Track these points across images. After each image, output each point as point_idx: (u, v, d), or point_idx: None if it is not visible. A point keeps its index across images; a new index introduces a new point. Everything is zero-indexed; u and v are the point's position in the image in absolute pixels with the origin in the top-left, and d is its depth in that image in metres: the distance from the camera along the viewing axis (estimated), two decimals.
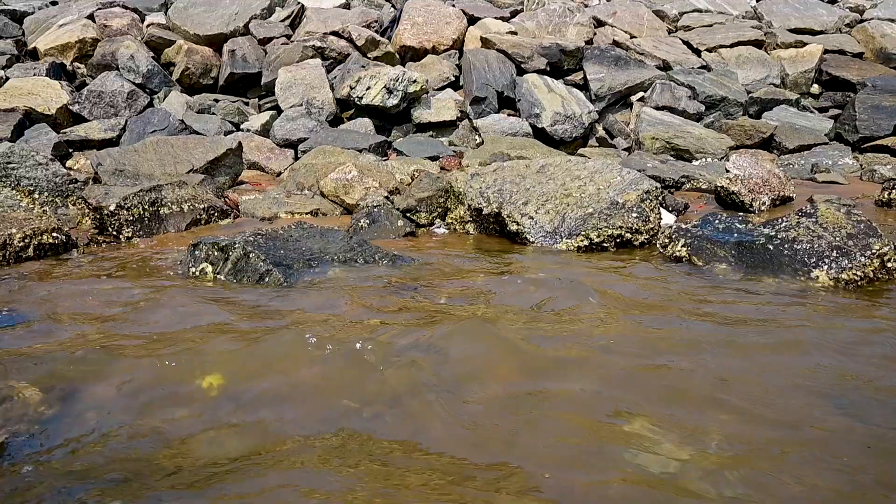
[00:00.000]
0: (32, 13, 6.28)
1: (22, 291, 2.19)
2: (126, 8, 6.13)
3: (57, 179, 3.37)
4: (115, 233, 2.94)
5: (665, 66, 5.52)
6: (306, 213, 3.28)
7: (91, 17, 5.93)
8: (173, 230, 3.06)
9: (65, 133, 4.57)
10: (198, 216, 3.16)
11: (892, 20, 6.51)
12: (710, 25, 6.31)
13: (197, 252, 2.38)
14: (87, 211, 3.12)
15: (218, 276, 2.31)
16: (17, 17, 6.21)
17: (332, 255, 2.41)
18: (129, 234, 2.94)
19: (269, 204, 3.35)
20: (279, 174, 4.22)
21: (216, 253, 2.35)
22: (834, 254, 2.26)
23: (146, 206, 3.01)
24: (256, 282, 2.23)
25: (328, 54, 5.36)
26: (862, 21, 6.54)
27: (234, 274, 2.30)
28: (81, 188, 3.40)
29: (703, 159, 4.39)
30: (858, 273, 2.21)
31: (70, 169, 4.07)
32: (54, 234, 2.68)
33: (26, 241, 2.60)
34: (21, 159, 3.32)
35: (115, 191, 3.08)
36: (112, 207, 2.93)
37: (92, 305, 2.01)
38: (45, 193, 3.32)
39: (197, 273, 2.34)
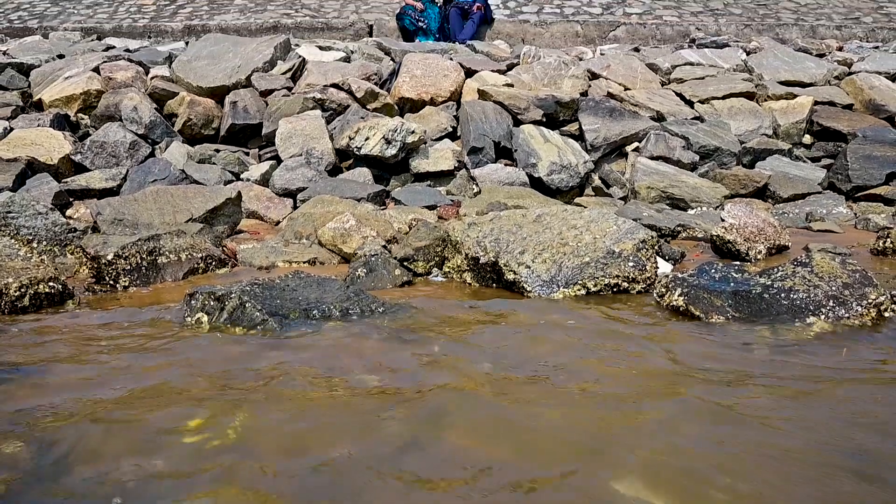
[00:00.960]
0: (39, 66, 6.41)
1: (14, 343, 2.17)
2: (131, 61, 6.27)
3: (56, 228, 3.40)
4: (111, 282, 2.94)
5: (659, 117, 5.62)
6: (304, 262, 3.29)
7: (97, 69, 6.06)
8: (170, 279, 3.06)
9: (66, 182, 4.61)
10: (195, 265, 3.16)
11: (878, 73, 6.67)
12: (702, 78, 6.45)
13: (193, 302, 2.38)
14: (84, 260, 3.13)
15: (213, 326, 2.30)
16: (24, 69, 6.34)
17: (329, 305, 2.41)
18: (126, 283, 2.94)
19: (266, 253, 3.36)
20: (278, 223, 4.25)
21: (212, 302, 2.35)
22: (830, 303, 2.26)
23: (144, 255, 3.02)
24: (251, 332, 2.22)
25: (328, 106, 5.45)
26: (850, 74, 6.69)
27: (230, 323, 2.29)
28: (80, 237, 3.42)
29: (699, 208, 4.43)
30: (856, 322, 2.20)
31: (70, 218, 4.10)
32: (51, 284, 2.68)
33: (22, 290, 2.60)
34: (21, 209, 3.35)
35: (113, 240, 3.10)
36: (110, 256, 2.94)
37: (83, 357, 2.00)
38: (44, 242, 3.33)
39: (192, 323, 2.33)
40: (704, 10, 10.49)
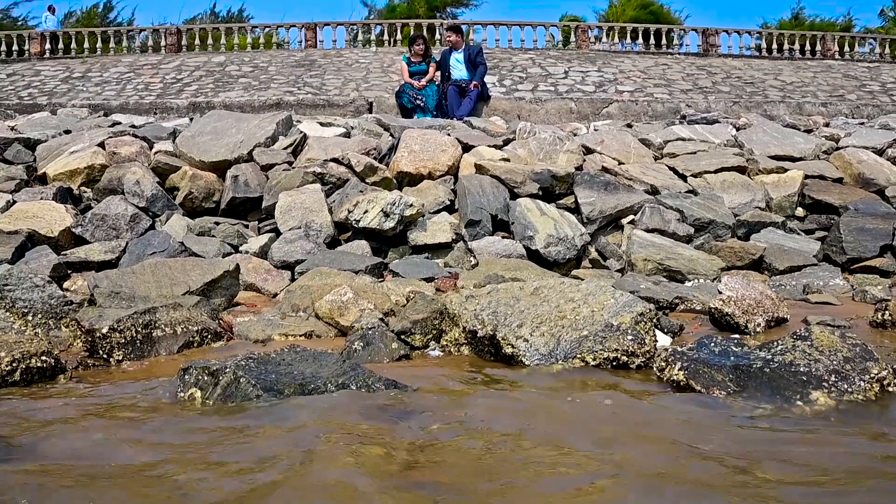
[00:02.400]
0: (46, 141, 6.56)
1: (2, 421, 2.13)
2: (136, 136, 6.42)
3: (52, 301, 3.38)
4: (105, 356, 2.90)
5: (653, 191, 5.72)
6: (300, 336, 3.26)
7: (102, 144, 6.20)
8: (165, 353, 3.03)
9: (65, 255, 4.63)
10: (191, 338, 3.13)
11: (866, 147, 6.84)
12: (694, 153, 6.60)
13: (187, 377, 2.35)
14: (79, 333, 3.10)
15: (206, 402, 2.26)
16: (31, 144, 6.48)
17: (325, 380, 2.37)
18: (120, 357, 2.90)
19: (263, 326, 3.34)
20: (275, 295, 4.24)
21: (206, 377, 2.32)
22: (832, 378, 2.23)
23: (139, 329, 2.99)
24: (245, 408, 2.18)
25: (328, 179, 5.55)
26: (838, 149, 6.86)
27: (224, 399, 2.25)
28: (76, 310, 3.40)
29: (696, 280, 4.44)
30: (859, 397, 2.17)
31: (67, 290, 4.09)
32: (43, 358, 2.65)
33: (14, 364, 2.56)
34: (18, 281, 3.34)
35: (108, 313, 3.08)
36: (105, 330, 2.91)
37: (69, 436, 1.95)
38: (39, 315, 3.31)
39: (185, 398, 2.29)
40: (693, 87, 10.86)
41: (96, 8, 19.18)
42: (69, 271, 4.47)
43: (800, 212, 5.89)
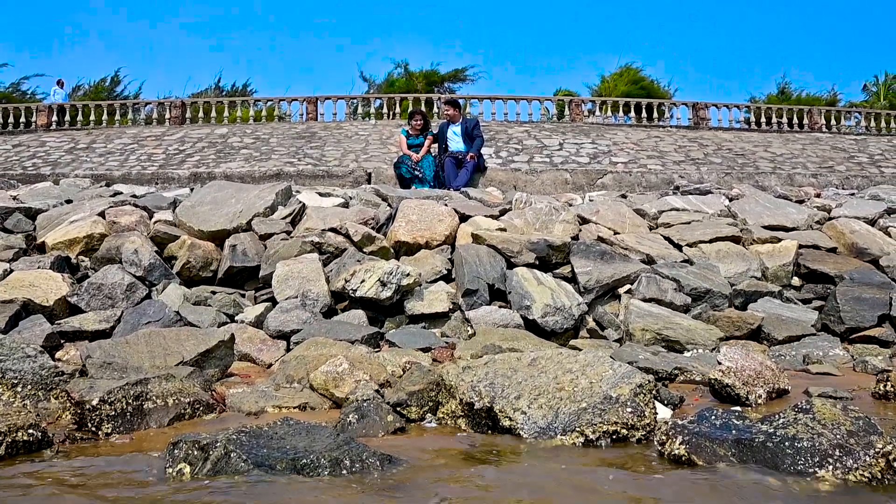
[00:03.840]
0: (47, 210, 6.63)
1: None
2: (136, 206, 6.50)
3: (43, 372, 3.33)
4: (94, 429, 2.84)
5: (649, 260, 5.75)
6: (294, 408, 3.20)
7: (102, 214, 6.26)
8: (155, 425, 2.96)
9: (59, 324, 4.60)
10: (182, 410, 3.07)
11: (857, 217, 6.93)
12: (689, 223, 6.68)
13: (176, 451, 2.28)
14: (68, 405, 3.04)
15: (196, 477, 2.19)
16: (32, 213, 6.55)
17: (318, 455, 2.31)
18: (109, 430, 2.83)
19: (256, 398, 3.28)
20: (270, 366, 4.19)
21: (196, 452, 2.26)
22: (837, 453, 2.18)
23: (130, 401, 2.93)
24: (234, 484, 2.11)
25: (325, 249, 5.58)
26: (830, 219, 6.96)
27: (213, 475, 2.18)
28: (67, 381, 3.35)
29: (694, 350, 4.40)
30: (865, 474, 2.11)
31: (59, 360, 4.04)
32: (30, 432, 2.58)
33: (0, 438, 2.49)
34: (10, 351, 3.30)
35: (99, 384, 3.03)
36: (94, 402, 2.86)
37: None
38: (29, 386, 3.26)
39: (174, 474, 2.22)
40: (686, 159, 11.10)
41: (104, 82, 19.79)
42: (62, 341, 4.43)
43: (795, 281, 5.91)
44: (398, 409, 3.05)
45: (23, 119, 12.79)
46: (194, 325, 4.53)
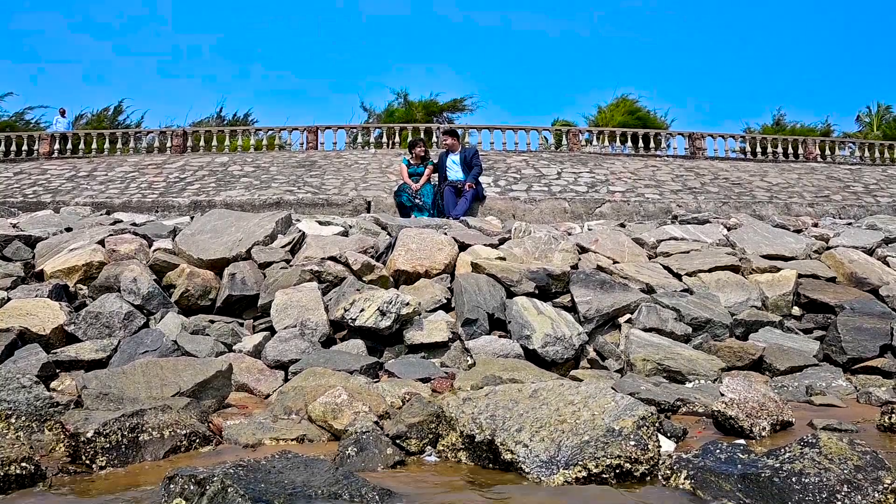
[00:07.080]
0: (46, 238, 6.62)
1: None
2: (136, 234, 6.49)
3: (38, 403, 3.29)
4: (88, 461, 2.79)
5: (649, 290, 5.74)
6: (292, 440, 3.15)
7: (102, 242, 6.25)
8: (150, 458, 2.91)
9: (55, 353, 4.55)
10: (178, 442, 3.02)
11: (855, 247, 6.95)
12: (688, 252, 6.69)
13: (172, 486, 2.24)
14: (62, 437, 2.99)
15: None
16: (31, 242, 6.54)
17: (316, 489, 2.27)
18: (103, 463, 2.79)
19: (253, 430, 3.23)
20: (267, 396, 4.14)
21: (192, 487, 2.21)
22: (845, 489, 2.15)
23: (125, 433, 2.89)
24: None
25: (325, 277, 5.57)
26: (828, 248, 6.97)
27: None
28: (62, 412, 3.30)
29: (696, 381, 4.37)
30: None
31: (54, 391, 3.99)
32: (23, 465, 2.54)
33: None
34: (4, 382, 3.26)
35: (95, 415, 2.98)
36: (90, 434, 2.81)
37: None
38: (23, 418, 3.21)
39: None
40: (683, 188, 11.16)
41: (106, 111, 19.95)
42: (58, 370, 4.39)
43: (796, 311, 5.89)
44: (398, 441, 3.01)
45: (25, 147, 12.86)
46: (192, 355, 4.49)
